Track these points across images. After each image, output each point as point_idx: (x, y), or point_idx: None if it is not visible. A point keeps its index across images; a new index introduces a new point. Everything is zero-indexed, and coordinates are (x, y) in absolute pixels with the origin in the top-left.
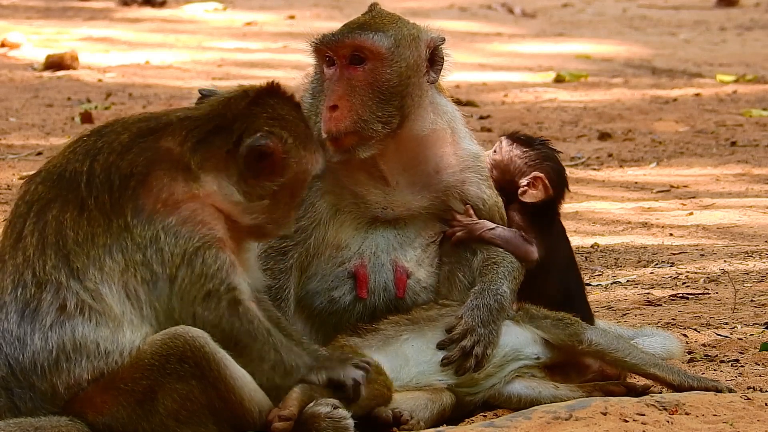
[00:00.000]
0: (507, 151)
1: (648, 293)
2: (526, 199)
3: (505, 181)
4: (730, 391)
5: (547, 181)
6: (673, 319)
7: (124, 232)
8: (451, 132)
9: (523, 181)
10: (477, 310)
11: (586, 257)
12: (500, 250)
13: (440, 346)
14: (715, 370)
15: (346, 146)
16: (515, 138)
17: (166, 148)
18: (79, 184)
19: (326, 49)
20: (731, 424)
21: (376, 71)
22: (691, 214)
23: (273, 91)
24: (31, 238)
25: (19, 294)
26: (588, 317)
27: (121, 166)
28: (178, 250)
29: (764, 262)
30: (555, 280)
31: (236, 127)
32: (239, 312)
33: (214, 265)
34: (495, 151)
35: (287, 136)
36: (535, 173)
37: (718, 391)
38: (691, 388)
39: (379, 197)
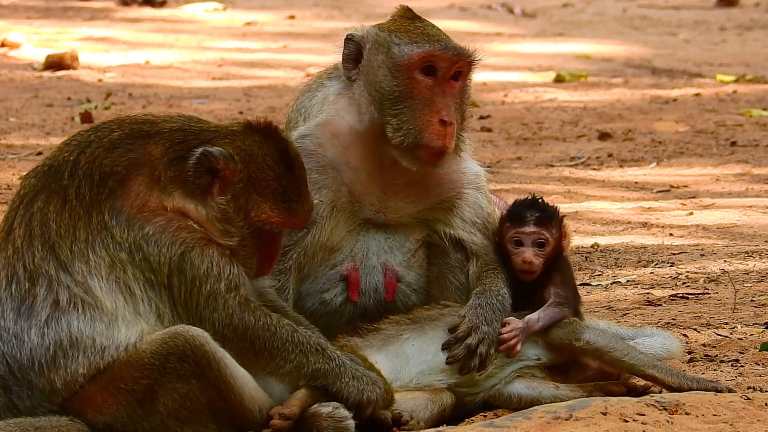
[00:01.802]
0: (552, 235)
1: (648, 293)
2: (568, 249)
3: (557, 251)
4: (730, 391)
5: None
6: (673, 319)
7: (104, 230)
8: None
9: (565, 241)
10: (480, 308)
11: (586, 257)
12: (498, 256)
13: (445, 346)
14: (715, 370)
15: (444, 161)
16: (542, 221)
17: (149, 155)
18: (63, 175)
19: (445, 59)
20: (731, 424)
21: (465, 87)
22: (691, 214)
23: (266, 131)
24: (19, 230)
25: (13, 290)
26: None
27: (104, 163)
28: (163, 259)
29: (764, 262)
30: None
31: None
32: (251, 307)
33: (203, 265)
34: (540, 244)
35: (242, 168)
36: (563, 226)
37: (717, 392)
38: (690, 390)
39: (374, 200)
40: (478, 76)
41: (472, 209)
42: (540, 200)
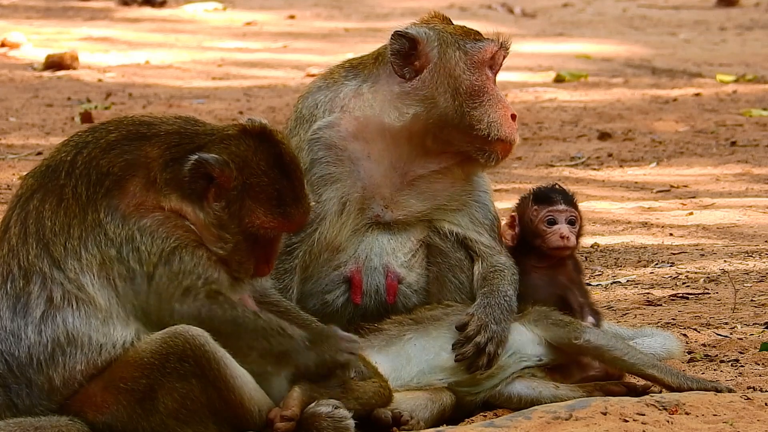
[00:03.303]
0: (579, 213)
1: (648, 293)
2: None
3: (581, 233)
4: (730, 391)
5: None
6: (673, 319)
7: (98, 228)
8: None
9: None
10: (489, 308)
11: (586, 257)
12: (503, 259)
13: (455, 344)
14: (715, 370)
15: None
16: (569, 200)
17: (145, 157)
18: (60, 174)
19: (502, 55)
20: (731, 424)
21: None
22: (691, 214)
23: (260, 135)
24: (15, 228)
25: (9, 288)
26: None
27: (101, 164)
28: (155, 249)
29: (764, 262)
30: None
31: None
32: (219, 300)
33: (191, 263)
34: (572, 222)
35: (237, 174)
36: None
37: (717, 392)
38: (690, 390)
39: (387, 193)
40: None
41: (481, 211)
42: (558, 185)
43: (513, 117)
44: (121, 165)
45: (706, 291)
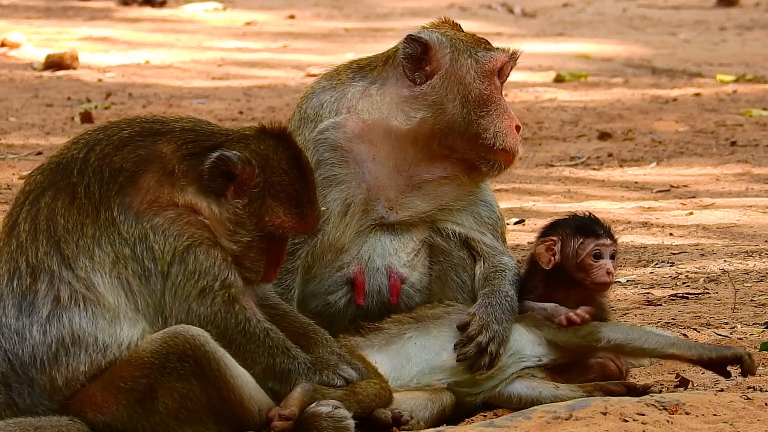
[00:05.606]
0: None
1: (648, 293)
2: None
3: None
4: (748, 356)
5: None
6: (673, 319)
7: (111, 226)
8: None
9: None
10: (490, 307)
11: None
12: (505, 259)
13: (457, 344)
14: None
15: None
16: (611, 234)
17: (160, 152)
18: (72, 172)
19: (510, 65)
20: (731, 424)
21: None
22: (691, 214)
23: (279, 135)
24: (24, 225)
25: (15, 285)
26: None
27: (114, 160)
28: (168, 247)
29: (764, 262)
30: None
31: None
32: (235, 309)
33: (206, 262)
34: (612, 256)
35: (259, 172)
36: None
37: (736, 356)
38: (710, 360)
39: (392, 194)
40: None
41: (485, 211)
42: (593, 215)
43: (518, 128)
44: (134, 160)
45: (706, 291)
